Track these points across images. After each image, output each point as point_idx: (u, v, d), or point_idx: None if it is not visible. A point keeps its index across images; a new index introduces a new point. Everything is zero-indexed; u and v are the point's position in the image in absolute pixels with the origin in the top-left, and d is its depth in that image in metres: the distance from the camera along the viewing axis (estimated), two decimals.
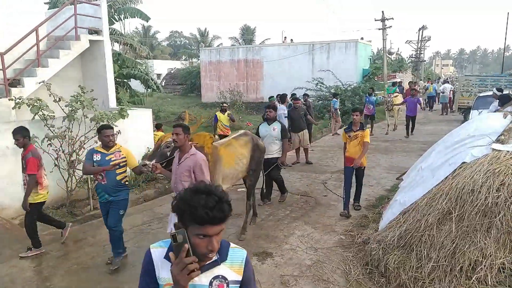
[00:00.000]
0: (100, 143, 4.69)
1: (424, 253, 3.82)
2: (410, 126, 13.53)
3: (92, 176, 5.49)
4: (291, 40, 28.55)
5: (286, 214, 6.49)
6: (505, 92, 12.11)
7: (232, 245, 1.73)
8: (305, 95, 13.06)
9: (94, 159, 4.61)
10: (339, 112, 15.04)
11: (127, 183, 4.82)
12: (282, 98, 11.05)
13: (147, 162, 4.35)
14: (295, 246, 5.28)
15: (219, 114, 10.35)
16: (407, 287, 3.73)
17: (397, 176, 8.08)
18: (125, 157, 4.69)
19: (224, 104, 10.74)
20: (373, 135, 13.20)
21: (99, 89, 8.40)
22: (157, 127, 11.58)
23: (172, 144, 4.32)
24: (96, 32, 8.69)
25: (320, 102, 19.18)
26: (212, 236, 1.49)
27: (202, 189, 1.51)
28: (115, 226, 4.65)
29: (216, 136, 9.94)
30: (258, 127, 7.01)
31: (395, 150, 11.57)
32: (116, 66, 11.41)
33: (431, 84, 24.86)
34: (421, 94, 22.30)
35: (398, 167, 9.19)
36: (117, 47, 14.90)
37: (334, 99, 14.33)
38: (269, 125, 6.77)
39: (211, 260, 1.59)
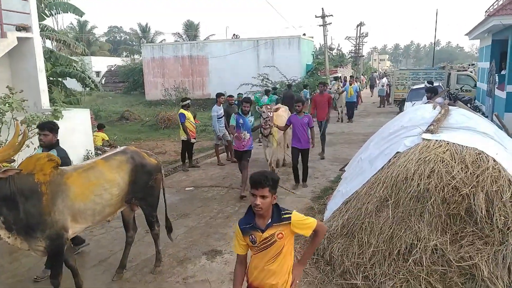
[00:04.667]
0: None
1: (365, 239, 4.02)
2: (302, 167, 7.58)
3: None
4: (236, 35, 28.52)
5: (235, 210, 6.50)
6: (435, 84, 13.10)
7: None
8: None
9: None
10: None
11: None
12: (216, 97, 9.68)
13: None
14: None
15: (185, 111, 8.78)
16: (350, 273, 3.91)
17: (340, 168, 8.40)
18: None
19: (188, 101, 9.09)
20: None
21: (30, 90, 7.84)
22: (99, 127, 11.09)
23: None
24: (25, 28, 8.09)
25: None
26: None
27: None
28: None
29: (193, 140, 8.91)
30: None
31: (338, 142, 12.04)
32: (49, 65, 10.70)
33: (351, 84, 16.64)
34: (336, 96, 15.97)
35: (341, 158, 9.56)
36: (49, 44, 13.97)
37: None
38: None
39: None
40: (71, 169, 3.82)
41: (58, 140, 4.52)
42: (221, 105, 9.59)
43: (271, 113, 7.54)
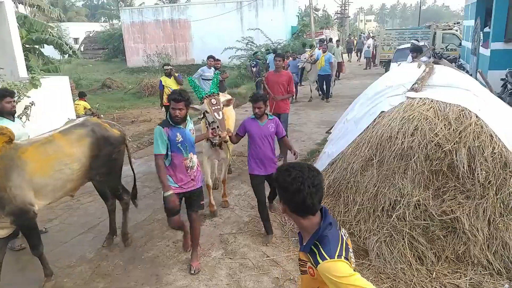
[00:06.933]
0: None
1: (350, 198, 4.10)
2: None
3: None
4: None
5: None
6: (421, 43, 13.01)
7: None
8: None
9: None
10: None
11: None
12: (207, 59, 9.41)
13: None
14: (233, 205, 5.39)
15: (164, 78, 8.60)
16: None
17: (326, 130, 8.44)
18: None
19: (168, 66, 8.77)
20: None
21: (5, 58, 7.51)
22: (80, 96, 10.79)
23: None
24: None
25: (250, 62, 19.12)
26: None
27: None
28: None
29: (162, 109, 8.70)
30: None
31: (325, 105, 12.04)
32: (23, 31, 10.20)
33: (324, 52, 12.48)
34: (308, 66, 12.34)
35: (327, 121, 9.59)
36: (22, 9, 13.30)
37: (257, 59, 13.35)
38: None
39: None
40: (26, 144, 3.60)
41: None
42: (211, 68, 9.29)
43: (220, 113, 4.20)
